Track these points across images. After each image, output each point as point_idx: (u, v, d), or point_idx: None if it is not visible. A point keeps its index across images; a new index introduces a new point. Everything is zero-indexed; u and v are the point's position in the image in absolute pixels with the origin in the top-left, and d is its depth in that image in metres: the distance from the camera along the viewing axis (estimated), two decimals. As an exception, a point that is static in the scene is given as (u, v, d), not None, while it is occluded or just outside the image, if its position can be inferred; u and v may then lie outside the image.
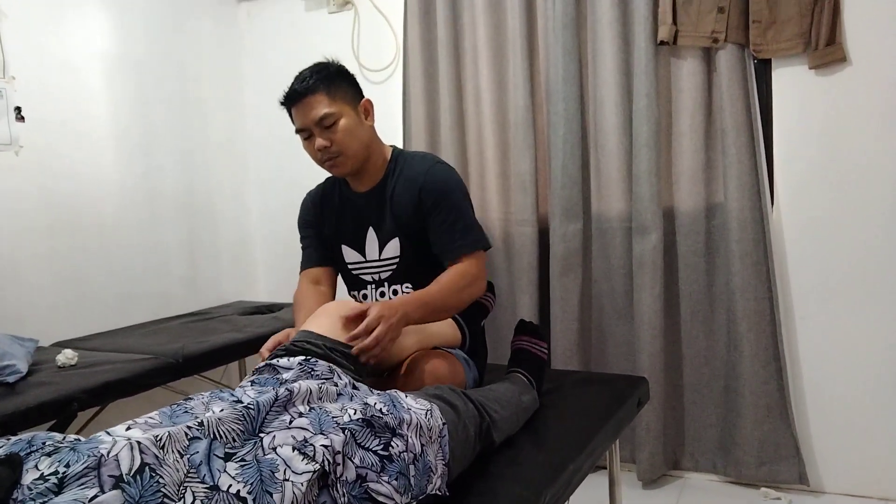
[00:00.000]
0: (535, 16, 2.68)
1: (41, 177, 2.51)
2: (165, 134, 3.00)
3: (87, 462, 0.83)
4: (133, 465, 0.85)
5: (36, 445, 0.87)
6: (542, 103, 2.71)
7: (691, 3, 2.36)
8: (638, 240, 2.51)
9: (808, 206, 2.36)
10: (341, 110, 1.71)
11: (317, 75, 1.71)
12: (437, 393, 1.41)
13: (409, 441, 1.17)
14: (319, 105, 1.69)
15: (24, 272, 2.46)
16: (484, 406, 1.46)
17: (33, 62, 2.49)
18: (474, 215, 1.81)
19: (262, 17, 3.35)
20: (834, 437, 2.39)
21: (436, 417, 1.27)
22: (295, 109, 1.73)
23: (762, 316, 2.37)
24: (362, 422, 1.13)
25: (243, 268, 3.40)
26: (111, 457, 0.85)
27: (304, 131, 1.73)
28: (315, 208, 1.94)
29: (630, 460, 2.60)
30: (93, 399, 1.89)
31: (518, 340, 1.89)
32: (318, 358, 1.36)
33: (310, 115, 1.70)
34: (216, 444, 0.97)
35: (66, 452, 0.85)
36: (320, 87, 1.70)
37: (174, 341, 2.34)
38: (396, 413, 1.20)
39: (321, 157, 1.75)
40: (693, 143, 2.45)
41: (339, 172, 1.79)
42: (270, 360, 1.34)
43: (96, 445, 0.86)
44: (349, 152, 1.73)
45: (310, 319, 1.52)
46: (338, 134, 1.71)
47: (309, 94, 1.69)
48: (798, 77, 2.33)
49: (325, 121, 1.69)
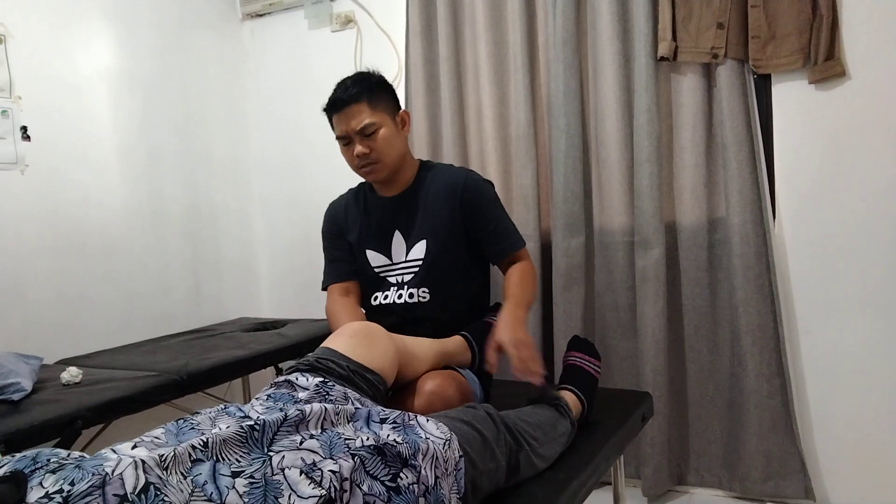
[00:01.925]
0: (536, 31, 2.70)
1: (47, 195, 2.53)
2: (170, 151, 3.03)
3: (91, 481, 0.83)
4: (137, 484, 0.85)
5: (41, 462, 0.86)
6: (543, 118, 2.72)
7: (691, 20, 2.37)
8: (640, 254, 2.51)
9: (810, 220, 2.37)
10: (382, 120, 1.79)
11: (360, 84, 1.79)
12: (466, 419, 1.36)
13: (421, 473, 1.14)
14: (361, 114, 1.77)
15: (29, 290, 2.47)
16: (522, 433, 1.42)
17: (39, 82, 2.52)
18: (508, 216, 1.93)
19: (266, 35, 3.38)
20: (839, 451, 2.37)
21: (453, 449, 1.24)
22: (337, 116, 1.79)
23: (765, 330, 2.36)
24: (374, 449, 1.11)
25: (247, 284, 3.41)
26: (115, 475, 0.84)
27: (344, 138, 1.81)
28: (339, 218, 2.00)
29: (635, 476, 2.59)
30: (97, 417, 1.89)
31: (571, 356, 1.85)
32: (340, 378, 1.36)
33: (351, 124, 1.77)
34: (220, 465, 0.96)
35: (71, 470, 0.85)
36: (363, 97, 1.77)
37: (178, 358, 2.35)
38: (412, 441, 1.17)
39: (359, 162, 1.82)
40: (694, 158, 2.46)
41: (374, 178, 1.87)
42: (289, 376, 1.33)
43: (101, 463, 0.86)
44: (386, 160, 1.81)
45: (335, 336, 1.51)
46: (377, 142, 1.79)
47: (352, 102, 1.77)
48: (798, 92, 2.34)
49: (365, 129, 1.77)
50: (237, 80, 3.39)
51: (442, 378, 1.62)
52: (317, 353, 1.45)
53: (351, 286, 1.98)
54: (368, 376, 1.42)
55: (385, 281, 1.91)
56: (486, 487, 1.31)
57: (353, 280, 1.98)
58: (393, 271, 1.90)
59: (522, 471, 1.40)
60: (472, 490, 1.26)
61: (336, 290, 1.97)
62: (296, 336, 2.65)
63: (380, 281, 1.92)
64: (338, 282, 1.98)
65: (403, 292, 1.86)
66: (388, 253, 1.90)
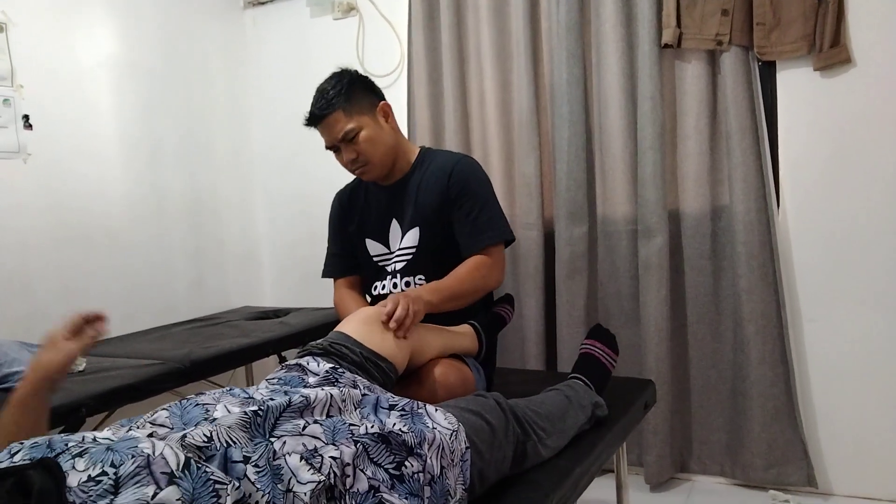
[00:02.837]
0: (539, 19, 2.68)
1: (49, 184, 2.53)
2: (172, 141, 3.02)
3: (136, 461, 0.83)
4: (179, 460, 0.86)
5: (58, 448, 0.86)
6: (546, 106, 2.71)
7: (695, 6, 2.36)
8: (644, 242, 2.50)
9: (815, 208, 2.36)
10: (360, 123, 1.80)
11: (332, 92, 1.79)
12: (475, 409, 1.35)
13: (427, 462, 1.14)
14: (338, 123, 1.79)
15: (33, 279, 2.47)
16: (531, 423, 1.42)
17: (41, 71, 2.51)
18: (500, 208, 1.88)
19: (268, 23, 3.36)
20: (842, 440, 2.38)
21: (460, 440, 1.24)
22: (319, 129, 1.84)
23: (769, 318, 2.36)
24: (378, 437, 1.11)
25: (249, 273, 3.41)
26: (158, 455, 0.85)
27: (331, 148, 1.85)
28: (342, 208, 2.03)
29: (637, 463, 2.60)
30: (101, 404, 1.90)
31: (591, 345, 1.82)
32: (352, 364, 1.36)
33: (332, 134, 1.81)
34: (231, 450, 0.96)
35: (103, 452, 0.85)
36: (336, 106, 1.78)
37: (181, 346, 2.35)
38: (417, 430, 1.17)
39: (351, 167, 1.86)
40: (698, 146, 2.44)
41: (370, 178, 1.90)
42: (301, 360, 1.34)
43: (135, 445, 0.87)
44: (375, 159, 1.83)
45: (348, 321, 1.53)
46: (360, 145, 1.80)
47: (327, 113, 1.79)
48: (803, 79, 2.32)
49: (346, 136, 1.79)
50: (239, 68, 3.38)
51: (445, 366, 1.63)
52: (330, 337, 1.45)
53: (355, 280, 2.03)
54: (381, 364, 1.42)
55: (383, 270, 1.92)
56: (493, 477, 1.31)
57: (357, 274, 2.03)
58: (390, 260, 1.91)
59: (528, 460, 1.40)
60: (479, 481, 1.26)
61: (342, 284, 2.03)
62: (299, 324, 2.65)
63: (379, 270, 1.93)
64: (343, 276, 2.03)
65: (398, 281, 1.87)
66: (386, 242, 1.92)
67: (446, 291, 1.71)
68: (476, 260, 1.80)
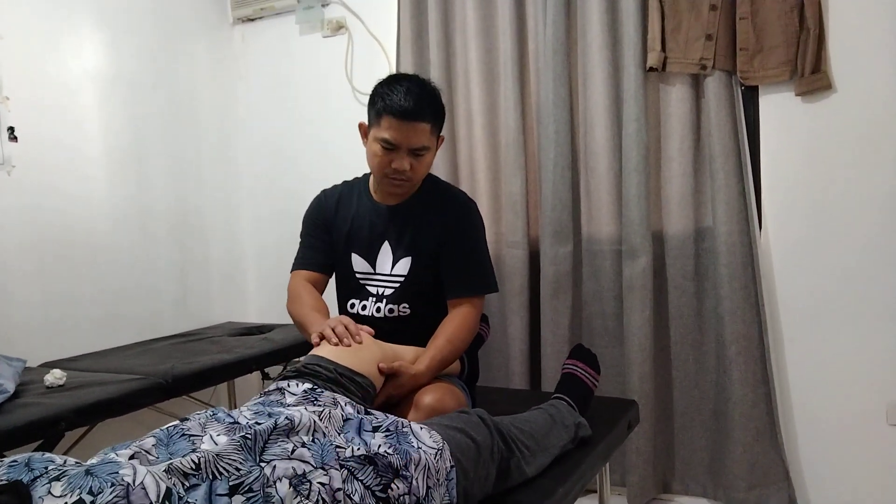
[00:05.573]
0: (527, 40, 2.71)
1: (33, 197, 2.51)
2: (158, 155, 3.01)
3: (115, 491, 0.82)
4: (160, 491, 0.85)
5: (37, 470, 0.84)
6: (532, 126, 2.73)
7: (680, 31, 2.40)
8: (628, 263, 2.52)
9: (795, 230, 2.39)
10: (432, 144, 1.75)
11: (432, 103, 1.72)
12: (459, 426, 1.36)
13: (412, 483, 1.15)
14: (423, 135, 1.70)
15: (14, 291, 2.45)
16: (515, 440, 1.43)
17: (27, 83, 2.50)
18: (490, 259, 1.87)
19: (257, 39, 3.38)
20: (823, 460, 2.39)
21: (445, 459, 1.24)
22: (398, 123, 1.67)
23: (751, 339, 2.38)
24: (364, 458, 1.11)
25: (234, 289, 3.39)
26: (137, 485, 0.84)
27: (391, 145, 1.69)
28: (329, 209, 1.91)
29: (620, 484, 2.59)
30: (81, 419, 1.88)
31: (572, 365, 1.83)
32: (328, 381, 1.37)
33: (411, 139, 1.69)
34: (217, 483, 0.95)
35: (81, 477, 0.83)
36: (430, 118, 1.71)
37: (163, 362, 2.33)
38: (403, 452, 1.17)
39: (391, 173, 1.73)
40: (682, 168, 2.47)
41: (398, 192, 1.81)
42: (280, 384, 1.34)
43: (116, 471, 0.85)
44: (417, 180, 1.80)
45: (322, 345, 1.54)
46: (421, 164, 1.75)
47: (420, 120, 1.68)
48: (784, 103, 2.36)
49: (420, 150, 1.71)
50: (227, 84, 3.38)
51: (440, 391, 1.62)
52: (304, 359, 1.48)
53: (317, 279, 1.90)
54: (357, 379, 1.43)
55: (364, 289, 1.86)
56: (478, 495, 1.31)
57: (324, 274, 1.92)
58: (374, 282, 1.85)
59: (512, 478, 1.40)
60: (464, 499, 1.26)
61: (300, 276, 1.91)
62: (282, 341, 2.64)
63: (359, 288, 1.87)
64: (309, 270, 1.91)
65: (382, 306, 1.82)
66: (372, 262, 1.85)
67: (440, 363, 1.70)
68: (462, 317, 1.76)
